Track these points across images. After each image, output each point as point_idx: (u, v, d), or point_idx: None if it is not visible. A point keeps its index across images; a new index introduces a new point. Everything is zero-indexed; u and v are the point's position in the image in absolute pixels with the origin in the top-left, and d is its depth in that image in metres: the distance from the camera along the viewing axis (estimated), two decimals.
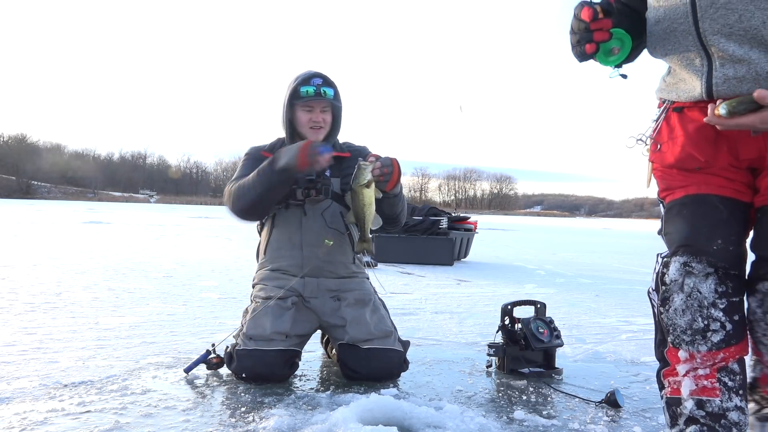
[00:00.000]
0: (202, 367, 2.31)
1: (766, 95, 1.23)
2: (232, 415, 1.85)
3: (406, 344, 2.36)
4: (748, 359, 1.55)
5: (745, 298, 1.48)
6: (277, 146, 2.44)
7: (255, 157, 2.43)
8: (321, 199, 2.33)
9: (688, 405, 1.45)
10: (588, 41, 1.43)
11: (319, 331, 2.52)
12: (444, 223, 7.92)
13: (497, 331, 2.49)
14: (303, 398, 2.01)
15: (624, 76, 1.56)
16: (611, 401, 2.01)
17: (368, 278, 2.47)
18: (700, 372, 1.44)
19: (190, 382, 2.19)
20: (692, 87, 1.46)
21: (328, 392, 2.09)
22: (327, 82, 2.35)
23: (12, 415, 1.77)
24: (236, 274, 5.72)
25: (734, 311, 1.43)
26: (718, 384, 1.42)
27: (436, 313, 3.92)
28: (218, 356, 2.30)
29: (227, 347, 2.32)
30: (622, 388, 2.23)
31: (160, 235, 11.96)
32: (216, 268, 6.28)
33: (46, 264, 5.95)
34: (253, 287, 2.45)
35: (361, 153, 2.47)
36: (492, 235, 18.23)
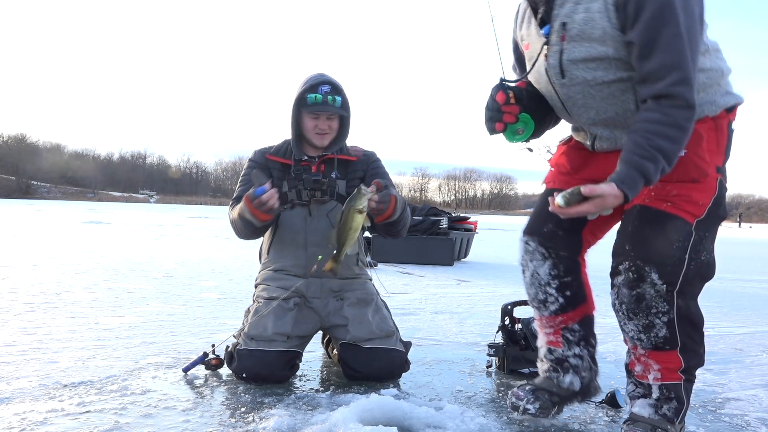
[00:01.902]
0: (202, 367, 2.31)
1: (591, 191, 1.50)
2: (232, 415, 1.85)
3: (407, 345, 2.36)
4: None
5: (582, 276, 1.92)
6: (282, 149, 2.44)
7: (259, 163, 2.43)
8: (326, 200, 2.34)
9: (542, 350, 1.95)
10: (498, 120, 1.74)
11: (320, 332, 2.52)
12: (444, 223, 7.92)
13: (497, 331, 2.49)
14: (303, 398, 2.01)
15: (530, 150, 1.92)
16: (611, 401, 2.01)
17: (371, 279, 2.47)
18: (548, 330, 1.92)
19: (190, 382, 2.19)
20: (583, 140, 1.89)
21: (328, 392, 2.09)
22: (335, 89, 2.32)
23: (12, 415, 1.77)
24: (236, 274, 5.73)
25: (565, 288, 1.87)
26: (561, 339, 1.90)
27: (436, 313, 3.92)
28: (218, 358, 2.30)
29: (227, 347, 2.32)
30: (622, 388, 2.23)
31: (160, 235, 11.96)
32: (216, 268, 6.28)
33: (46, 264, 5.95)
34: (256, 287, 2.45)
35: (369, 158, 2.47)
36: (492, 235, 18.23)
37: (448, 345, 2.98)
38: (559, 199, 1.54)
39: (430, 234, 7.82)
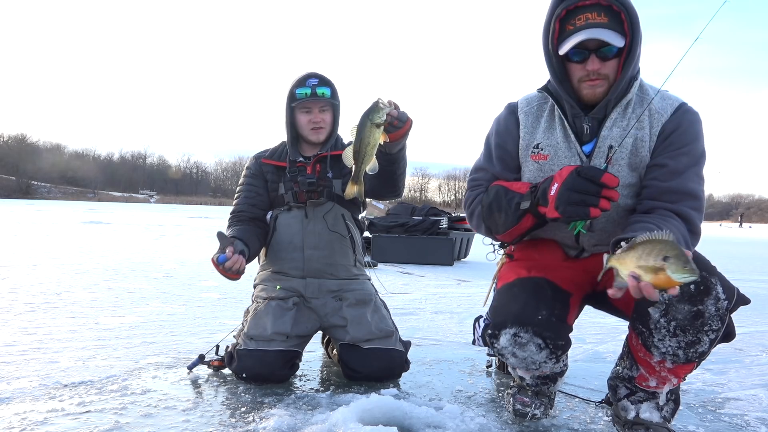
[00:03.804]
0: (203, 366, 2.32)
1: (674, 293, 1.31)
2: (232, 415, 1.85)
3: (407, 344, 2.36)
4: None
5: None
6: (278, 151, 2.44)
7: (254, 172, 2.44)
8: (323, 201, 2.34)
9: (523, 374, 1.88)
10: (594, 205, 1.51)
11: (319, 332, 2.51)
12: (444, 223, 7.92)
13: None
14: (303, 398, 2.01)
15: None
16: (611, 401, 2.00)
17: (369, 279, 2.47)
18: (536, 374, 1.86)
19: (190, 382, 2.19)
20: (566, 250, 1.90)
21: (328, 392, 2.09)
22: (323, 82, 2.33)
23: (12, 415, 1.77)
24: None
25: (560, 361, 1.76)
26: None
27: (436, 313, 3.92)
28: (220, 360, 2.30)
29: (227, 347, 2.32)
30: None
31: (160, 235, 11.96)
32: None
33: (46, 264, 5.95)
34: (254, 287, 2.45)
35: None
36: None
37: (448, 345, 2.98)
38: (687, 277, 1.21)
39: (430, 234, 7.82)
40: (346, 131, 2.33)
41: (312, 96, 2.30)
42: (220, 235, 2.20)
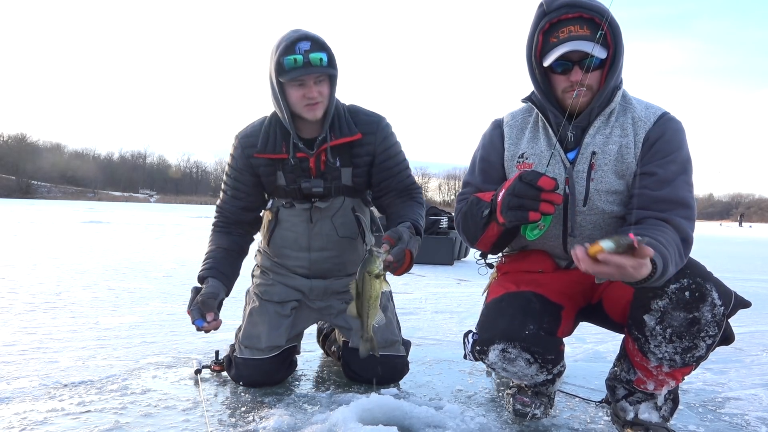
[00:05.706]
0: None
1: (645, 249, 1.28)
2: (232, 415, 1.85)
3: (407, 345, 2.32)
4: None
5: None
6: (270, 139, 2.09)
7: (241, 166, 2.15)
8: (329, 202, 2.17)
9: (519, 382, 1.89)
10: (533, 209, 1.49)
11: (316, 330, 2.50)
12: (444, 222, 7.92)
13: None
14: (303, 398, 2.01)
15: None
16: (610, 401, 2.00)
17: None
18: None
19: (190, 382, 2.18)
20: (552, 254, 1.86)
21: (328, 392, 2.09)
22: (317, 45, 1.89)
23: (12, 415, 1.77)
24: None
25: (552, 373, 1.75)
26: None
27: (436, 312, 3.92)
28: (219, 364, 2.29)
29: (228, 347, 2.32)
30: None
31: (160, 235, 11.95)
32: None
33: (46, 264, 5.95)
34: (256, 267, 2.36)
35: (376, 134, 2.11)
36: None
37: (449, 344, 2.98)
38: (607, 243, 1.28)
39: (430, 234, 7.81)
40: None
41: (304, 65, 1.86)
42: (204, 299, 2.01)
